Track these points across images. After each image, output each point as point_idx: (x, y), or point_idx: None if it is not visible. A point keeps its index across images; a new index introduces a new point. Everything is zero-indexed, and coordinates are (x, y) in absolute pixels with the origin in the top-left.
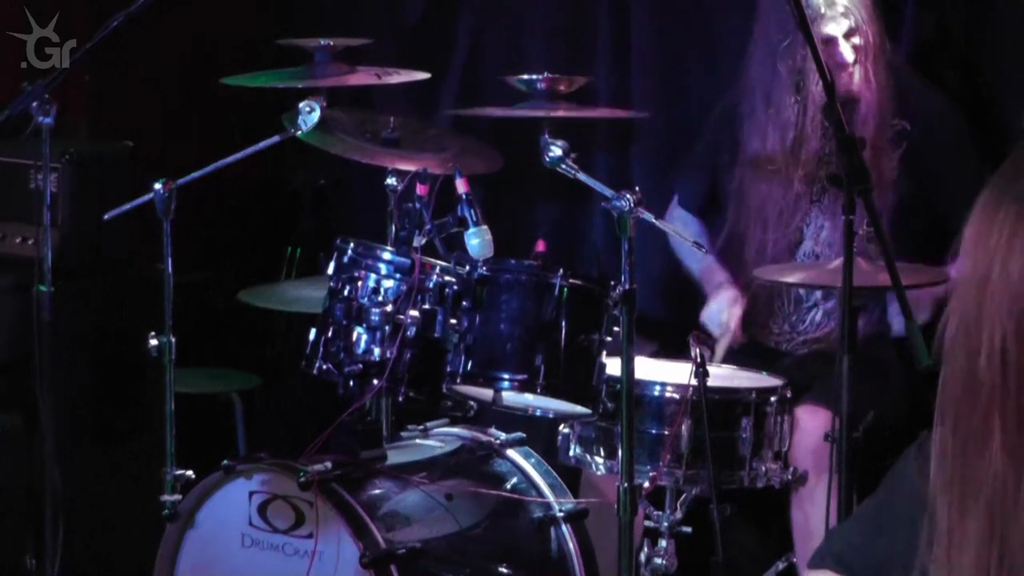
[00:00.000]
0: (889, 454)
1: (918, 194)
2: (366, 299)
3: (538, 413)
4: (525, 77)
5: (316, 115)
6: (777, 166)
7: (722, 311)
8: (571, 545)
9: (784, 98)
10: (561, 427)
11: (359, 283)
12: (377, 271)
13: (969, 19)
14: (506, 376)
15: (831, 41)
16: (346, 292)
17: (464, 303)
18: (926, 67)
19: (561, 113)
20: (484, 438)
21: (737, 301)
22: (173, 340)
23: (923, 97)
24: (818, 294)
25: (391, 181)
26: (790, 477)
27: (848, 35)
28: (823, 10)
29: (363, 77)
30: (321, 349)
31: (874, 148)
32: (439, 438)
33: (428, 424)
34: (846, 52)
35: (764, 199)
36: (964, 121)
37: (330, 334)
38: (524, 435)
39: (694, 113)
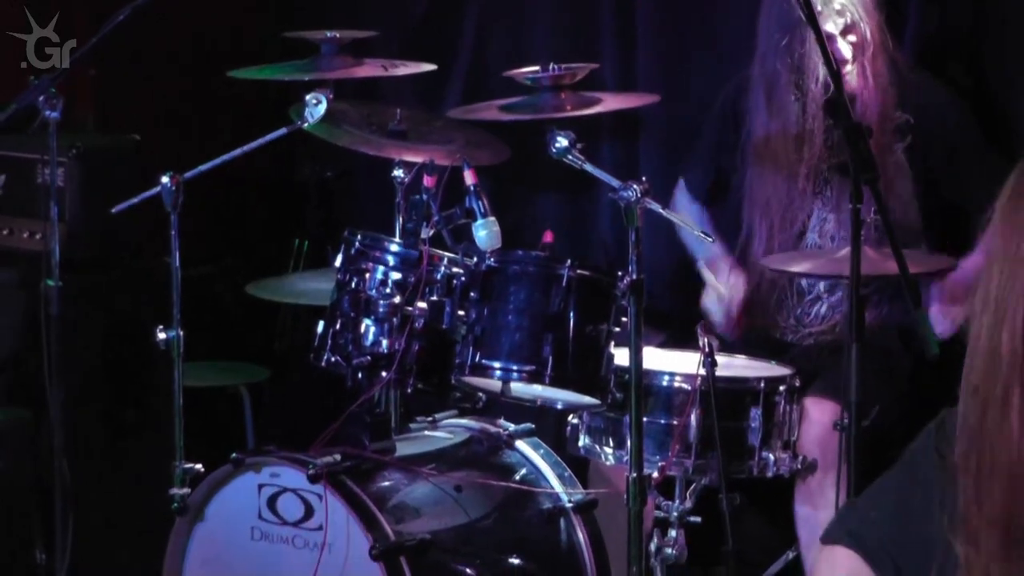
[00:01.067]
0: (896, 445)
1: (927, 185)
2: (374, 291)
3: (547, 404)
4: (529, 73)
5: (323, 107)
6: (780, 162)
7: (722, 298)
8: (581, 536)
9: (785, 95)
10: (570, 418)
11: (367, 275)
12: (385, 263)
13: (974, 12)
14: (514, 367)
15: (828, 38)
16: (354, 284)
17: (472, 294)
18: (931, 61)
19: (567, 112)
20: (493, 429)
21: (739, 287)
22: (181, 334)
23: (924, 90)
24: (821, 287)
25: (398, 173)
26: (799, 466)
27: (845, 32)
28: (819, 7)
29: (370, 69)
30: (329, 341)
31: (877, 143)
32: (448, 429)
33: (437, 415)
34: (843, 49)
35: (768, 194)
36: (967, 110)
37: (338, 326)
38: (533, 426)
39: (700, 102)
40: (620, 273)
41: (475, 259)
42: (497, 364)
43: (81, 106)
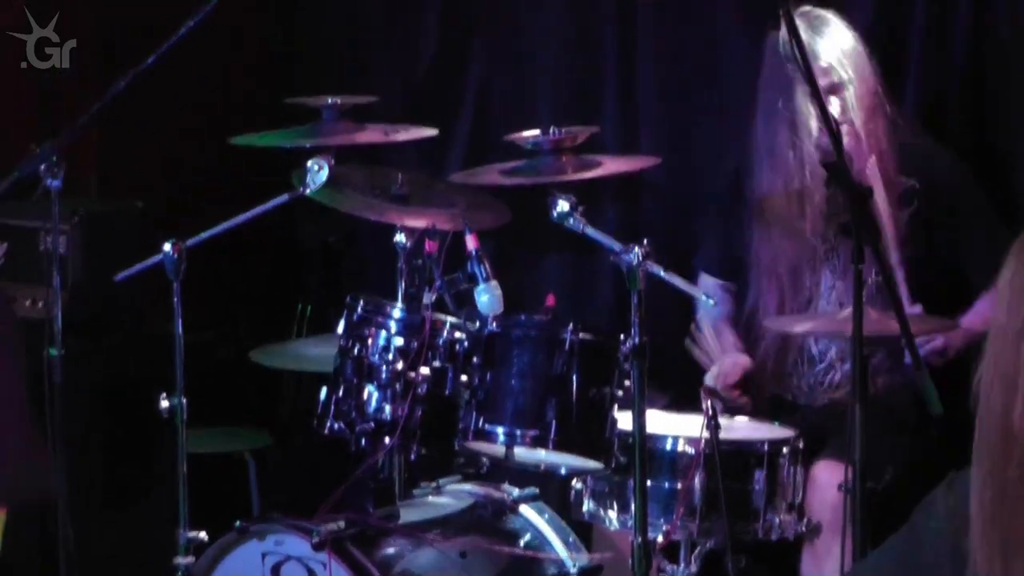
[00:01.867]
0: (908, 508)
1: (931, 251)
2: (376, 357)
3: (551, 468)
4: (530, 137)
5: (324, 173)
6: (783, 224)
7: (719, 375)
8: None
9: (784, 155)
10: (574, 482)
11: (369, 341)
12: (387, 328)
13: (975, 73)
14: (518, 431)
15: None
16: (356, 350)
17: (475, 359)
18: (932, 121)
19: (568, 176)
20: (497, 494)
21: (738, 365)
22: (185, 401)
23: (928, 154)
24: (833, 353)
25: (400, 238)
26: (804, 529)
27: (830, 91)
28: None
29: (371, 135)
30: (332, 408)
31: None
32: (452, 495)
33: (441, 481)
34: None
35: (776, 259)
36: (971, 174)
37: (341, 393)
38: (537, 491)
39: (702, 164)
40: (623, 336)
41: (477, 324)
42: (500, 429)
43: (84, 172)
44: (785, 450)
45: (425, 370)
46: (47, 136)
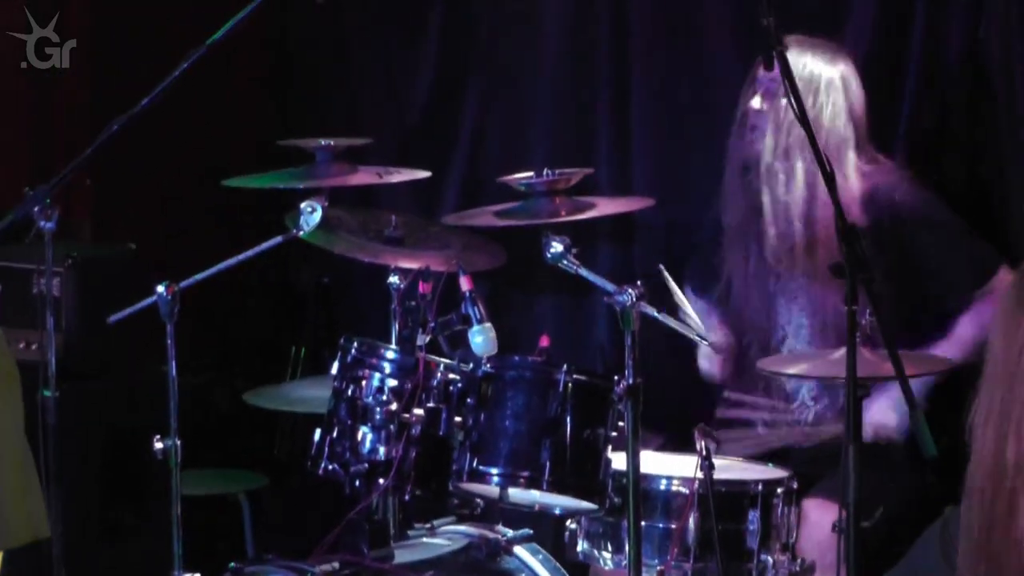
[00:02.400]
0: (899, 546)
1: (896, 281)
2: (370, 398)
3: (545, 509)
4: (524, 178)
5: (318, 215)
6: (749, 266)
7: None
8: None
9: (737, 182)
10: (568, 523)
11: (363, 382)
12: (381, 370)
13: (969, 105)
14: (512, 472)
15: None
16: (350, 392)
17: (469, 400)
18: (926, 155)
19: (562, 218)
20: (491, 535)
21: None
22: (179, 443)
23: (896, 187)
24: (804, 392)
25: (394, 280)
26: (798, 569)
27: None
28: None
29: (364, 177)
30: (327, 449)
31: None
32: (446, 536)
33: (435, 522)
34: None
35: (746, 298)
36: (936, 200)
37: (335, 434)
38: (531, 531)
39: (697, 204)
40: (617, 377)
41: (471, 365)
42: (495, 470)
43: (77, 215)
44: (779, 490)
45: (419, 411)
46: (42, 167)
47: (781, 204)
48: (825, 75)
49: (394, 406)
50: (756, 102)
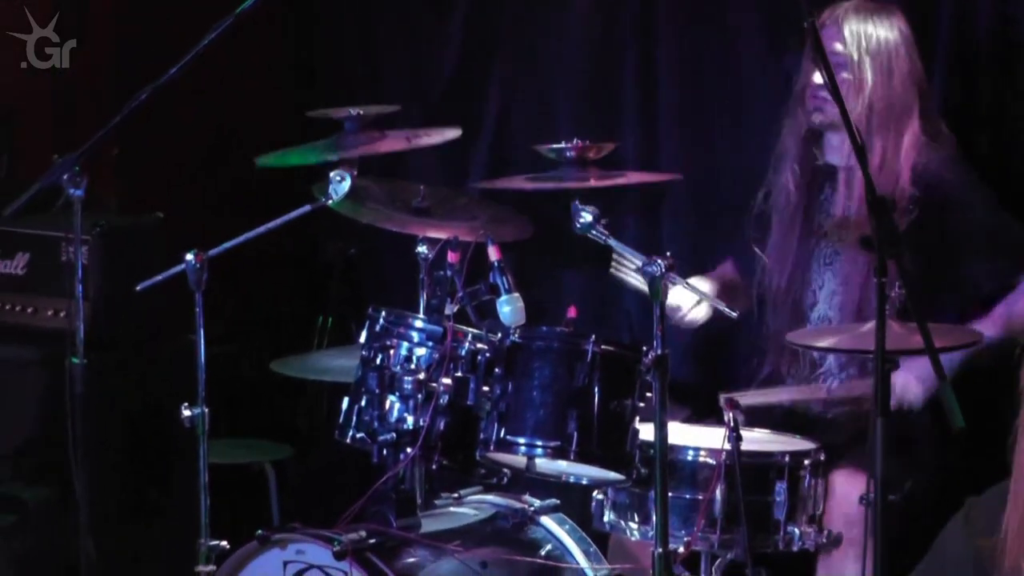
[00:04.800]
0: (924, 520)
1: (929, 260)
2: (398, 367)
3: (572, 479)
4: (554, 146)
5: (347, 185)
6: (790, 229)
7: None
8: None
9: (789, 159)
10: (595, 493)
11: (391, 352)
12: (409, 339)
13: (997, 83)
14: (539, 443)
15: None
16: (378, 361)
17: (497, 370)
18: (955, 131)
19: (591, 183)
20: (518, 505)
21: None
22: (206, 411)
23: (935, 164)
24: (831, 362)
25: (422, 249)
26: (825, 540)
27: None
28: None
29: (393, 142)
30: (354, 418)
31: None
32: (473, 506)
33: (462, 492)
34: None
35: (782, 259)
36: (978, 183)
37: (363, 403)
38: (558, 502)
39: (724, 178)
40: (644, 348)
41: (499, 335)
42: (522, 440)
43: (104, 185)
44: (806, 462)
45: (447, 381)
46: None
47: (842, 172)
48: (891, 40)
49: (422, 375)
50: (818, 77)
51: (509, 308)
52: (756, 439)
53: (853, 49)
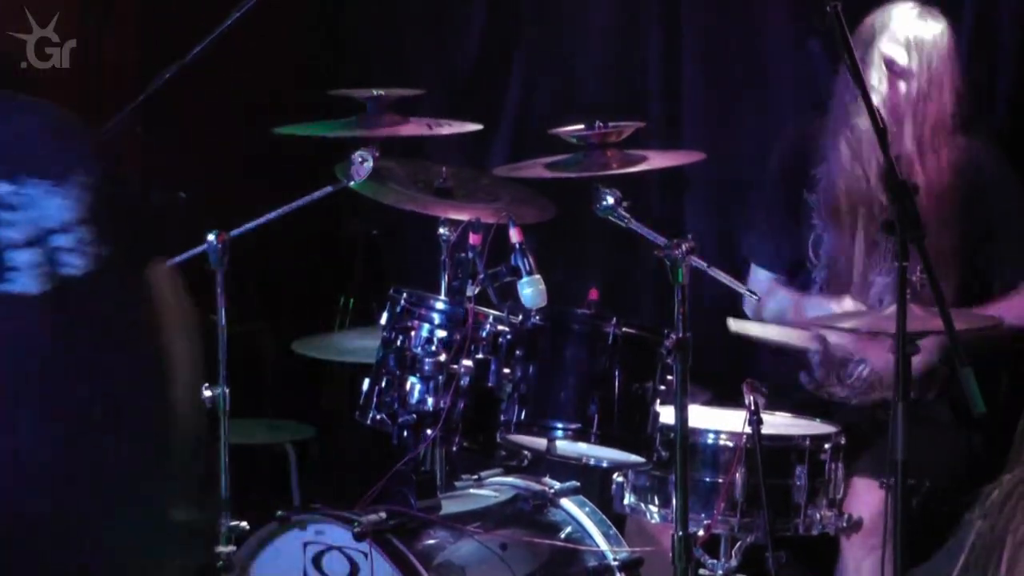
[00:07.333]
0: (946, 510)
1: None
2: (419, 349)
3: (592, 462)
4: (576, 131)
5: (369, 165)
6: (845, 220)
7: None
8: None
9: (846, 150)
10: (615, 476)
11: (412, 333)
12: (430, 321)
13: (1019, 63)
14: (560, 425)
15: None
16: (399, 342)
17: (518, 352)
18: (976, 114)
19: (613, 170)
20: (538, 487)
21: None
22: (227, 391)
23: (971, 152)
24: None
25: (443, 231)
26: (845, 524)
27: (895, 74)
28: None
29: (415, 128)
30: (375, 399)
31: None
32: (493, 487)
33: (482, 473)
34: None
35: (835, 252)
36: (1013, 173)
37: (384, 384)
38: (578, 484)
39: (747, 159)
40: (666, 331)
41: (520, 317)
42: (543, 422)
43: (127, 164)
44: (827, 446)
45: (468, 362)
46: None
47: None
48: (943, 42)
49: (443, 357)
50: (875, 79)
51: (530, 290)
52: (777, 423)
53: (914, 63)
